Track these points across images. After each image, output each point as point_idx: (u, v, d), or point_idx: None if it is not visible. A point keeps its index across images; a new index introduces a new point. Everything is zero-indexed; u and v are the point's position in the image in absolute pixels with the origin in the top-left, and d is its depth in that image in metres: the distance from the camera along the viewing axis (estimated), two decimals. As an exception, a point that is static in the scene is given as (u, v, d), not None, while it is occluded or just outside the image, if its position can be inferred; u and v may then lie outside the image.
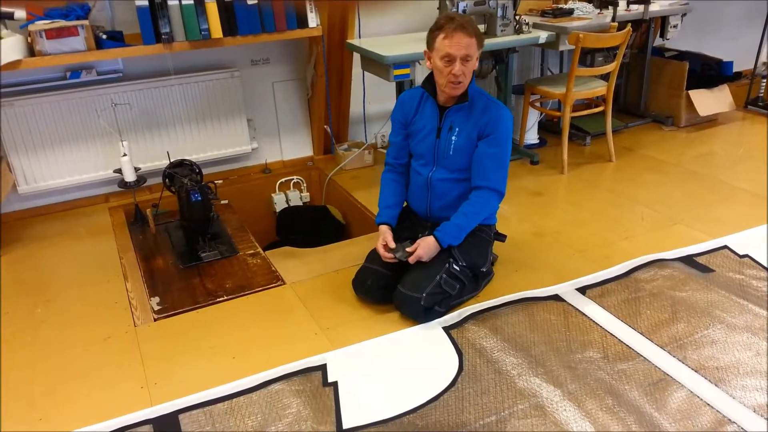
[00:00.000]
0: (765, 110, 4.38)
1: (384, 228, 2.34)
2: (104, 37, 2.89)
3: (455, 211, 2.26)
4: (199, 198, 2.66)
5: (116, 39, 2.94)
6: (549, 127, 4.20)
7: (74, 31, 2.78)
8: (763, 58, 4.41)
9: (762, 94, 4.47)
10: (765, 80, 4.45)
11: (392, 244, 2.27)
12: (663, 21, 4.12)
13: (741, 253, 2.55)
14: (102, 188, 3.37)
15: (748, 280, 2.38)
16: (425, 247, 2.20)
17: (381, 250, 2.26)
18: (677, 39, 4.30)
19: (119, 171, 3.01)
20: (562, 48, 3.53)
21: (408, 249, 2.23)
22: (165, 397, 1.88)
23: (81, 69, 3.10)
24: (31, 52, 2.80)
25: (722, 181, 3.33)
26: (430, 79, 2.27)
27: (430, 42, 2.18)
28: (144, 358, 2.08)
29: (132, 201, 3.14)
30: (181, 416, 1.81)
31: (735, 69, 4.40)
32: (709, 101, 4.18)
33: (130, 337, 2.20)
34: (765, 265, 2.46)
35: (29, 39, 2.79)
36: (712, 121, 4.26)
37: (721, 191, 3.21)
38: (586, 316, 2.19)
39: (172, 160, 2.89)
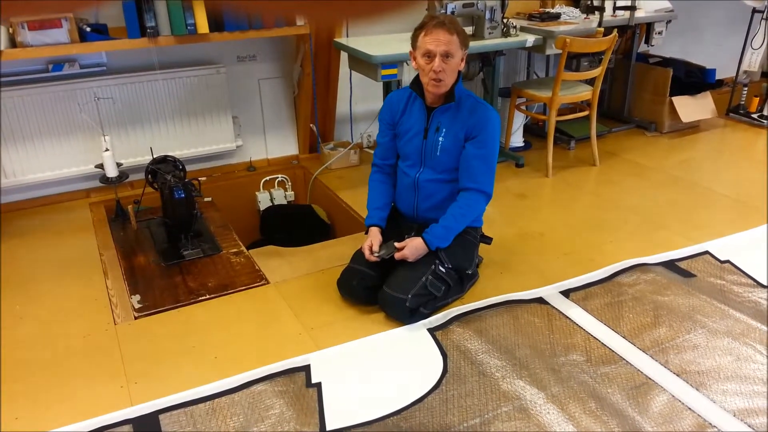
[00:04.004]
0: (746, 118, 4.45)
1: (374, 230, 2.33)
2: (88, 29, 2.85)
3: (442, 212, 2.26)
4: (183, 195, 2.63)
5: (100, 32, 2.90)
6: (534, 131, 4.22)
7: (57, 22, 2.74)
8: (744, 67, 4.48)
9: (743, 102, 4.53)
10: (746, 88, 4.51)
11: (377, 249, 2.27)
12: (648, 27, 4.16)
13: (722, 259, 2.58)
14: (83, 183, 3.32)
15: (729, 285, 2.40)
16: (412, 248, 2.20)
17: (367, 253, 2.25)
18: (662, 45, 4.34)
19: (101, 166, 2.96)
20: (548, 52, 3.56)
21: (397, 245, 2.22)
22: (145, 397, 1.85)
23: (64, 62, 3.05)
24: (13, 43, 2.74)
25: (704, 187, 3.37)
26: (418, 80, 2.26)
27: (414, 41, 2.19)
28: (124, 357, 2.05)
29: (113, 197, 3.09)
30: (161, 416, 1.78)
31: (717, 77, 4.46)
32: (692, 108, 4.23)
33: (110, 336, 2.16)
34: (746, 271, 2.49)
35: (10, 30, 2.73)
36: (694, 127, 4.31)
37: (703, 197, 3.25)
38: (569, 319, 2.20)
39: (155, 156, 2.85)
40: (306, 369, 1.96)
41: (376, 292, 2.23)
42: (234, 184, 3.65)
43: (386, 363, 2.00)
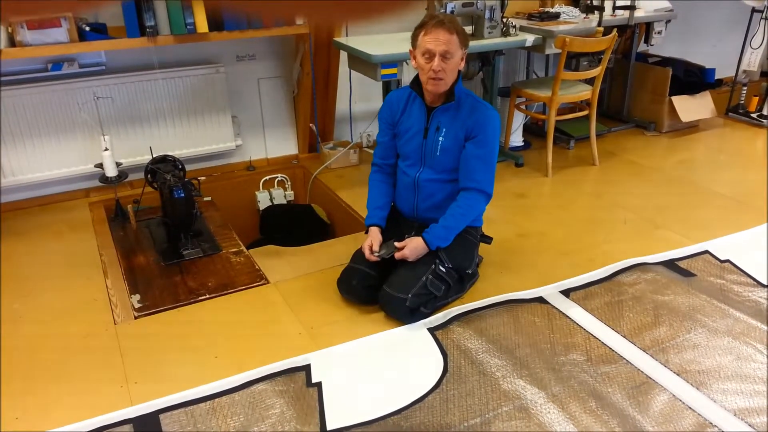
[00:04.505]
0: (745, 118, 4.45)
1: (374, 230, 2.32)
2: (87, 29, 2.84)
3: (442, 212, 2.25)
4: (182, 194, 2.63)
5: (100, 31, 2.89)
6: (534, 130, 4.22)
7: (56, 22, 2.73)
8: (743, 66, 4.48)
9: (743, 102, 4.53)
10: (745, 88, 4.52)
11: (377, 249, 2.27)
12: (648, 27, 4.16)
13: (722, 258, 2.58)
14: (82, 183, 3.31)
15: (729, 285, 2.41)
16: (412, 247, 2.19)
17: (367, 252, 2.25)
18: (661, 45, 4.34)
19: (100, 166, 2.96)
20: (548, 51, 3.55)
21: (397, 244, 2.22)
22: (145, 397, 1.85)
23: (63, 61, 3.05)
24: (12, 42, 2.74)
25: (704, 186, 3.37)
26: (417, 79, 2.26)
27: (414, 40, 2.19)
28: (124, 357, 2.04)
29: (113, 196, 3.09)
30: (161, 416, 1.78)
31: (717, 76, 4.46)
32: (691, 108, 4.23)
33: (110, 335, 2.16)
34: (746, 270, 2.49)
35: (9, 29, 2.73)
36: (693, 127, 4.31)
37: (703, 197, 3.25)
38: (569, 318, 2.20)
39: (154, 156, 2.84)
40: (306, 368, 1.96)
41: (377, 291, 2.23)
42: (233, 183, 3.65)
43: (386, 362, 2.00)
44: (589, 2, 3.92)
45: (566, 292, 2.36)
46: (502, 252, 2.65)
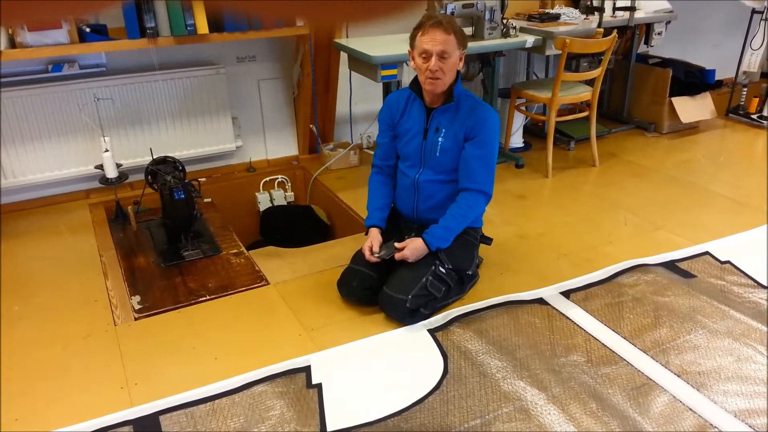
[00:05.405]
0: (746, 119, 4.45)
1: (374, 231, 2.32)
2: (88, 30, 2.85)
3: (442, 213, 2.25)
4: (183, 196, 2.63)
5: (100, 32, 2.89)
6: (534, 131, 4.22)
7: (57, 23, 2.73)
8: (744, 67, 4.48)
9: (743, 103, 4.53)
10: (745, 89, 4.52)
11: (377, 250, 2.27)
12: (648, 28, 4.17)
13: (722, 259, 2.58)
14: (82, 184, 3.31)
15: (729, 286, 2.40)
16: (412, 248, 2.19)
17: (367, 254, 2.25)
18: (661, 46, 4.34)
19: (100, 167, 2.96)
20: (548, 52, 3.56)
21: (397, 245, 2.22)
22: (145, 398, 1.85)
23: (63, 62, 3.05)
24: (12, 43, 2.74)
25: (703, 187, 3.37)
26: (417, 80, 2.26)
27: (412, 41, 2.19)
28: (124, 358, 2.04)
29: (113, 198, 3.09)
30: (161, 417, 1.78)
31: (717, 77, 4.46)
32: (692, 109, 4.23)
33: (110, 336, 2.16)
34: (746, 271, 2.49)
35: (10, 30, 2.73)
36: (693, 128, 4.31)
37: (703, 198, 3.25)
38: (570, 319, 2.20)
39: (155, 157, 2.84)
40: (306, 370, 1.96)
41: (377, 292, 2.23)
42: (234, 184, 3.65)
43: (387, 364, 2.00)
44: (589, 3, 3.92)
45: (566, 293, 2.36)
46: (502, 253, 2.65)
